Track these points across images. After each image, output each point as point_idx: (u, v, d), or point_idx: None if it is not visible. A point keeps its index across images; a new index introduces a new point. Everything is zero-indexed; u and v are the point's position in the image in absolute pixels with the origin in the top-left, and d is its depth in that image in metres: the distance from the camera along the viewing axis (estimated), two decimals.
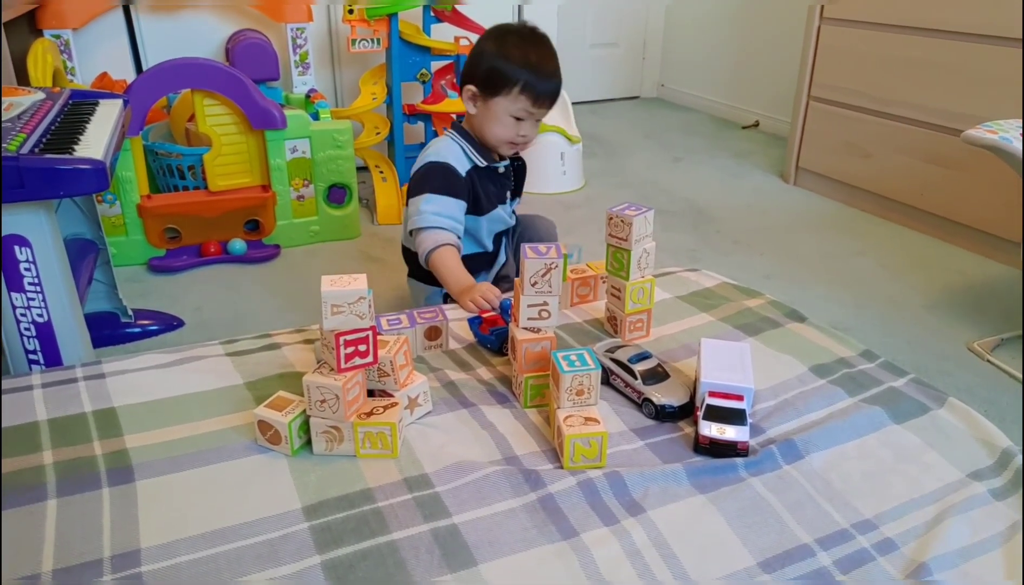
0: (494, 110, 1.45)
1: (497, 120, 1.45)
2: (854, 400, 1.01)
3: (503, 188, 1.58)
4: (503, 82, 1.42)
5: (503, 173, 1.56)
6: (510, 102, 1.43)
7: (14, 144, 1.13)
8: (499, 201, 1.57)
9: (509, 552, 0.76)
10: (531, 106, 1.43)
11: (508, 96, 1.42)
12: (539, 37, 1.48)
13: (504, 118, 1.45)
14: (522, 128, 1.46)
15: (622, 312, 1.15)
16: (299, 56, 2.58)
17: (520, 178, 1.64)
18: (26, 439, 0.90)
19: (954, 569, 0.75)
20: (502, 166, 1.55)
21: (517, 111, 1.43)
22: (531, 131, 1.48)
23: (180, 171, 2.16)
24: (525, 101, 1.42)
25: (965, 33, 2.20)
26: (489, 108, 1.46)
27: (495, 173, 1.54)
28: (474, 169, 1.50)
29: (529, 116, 1.45)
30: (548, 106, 1.46)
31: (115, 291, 1.72)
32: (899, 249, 2.31)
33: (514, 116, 1.44)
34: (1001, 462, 0.90)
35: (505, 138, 1.47)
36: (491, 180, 1.54)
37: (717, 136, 3.55)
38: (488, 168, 1.52)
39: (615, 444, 0.92)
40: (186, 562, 0.74)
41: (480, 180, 1.52)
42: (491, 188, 1.54)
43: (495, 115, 1.45)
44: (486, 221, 1.55)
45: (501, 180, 1.57)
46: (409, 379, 0.96)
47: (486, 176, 1.53)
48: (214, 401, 0.98)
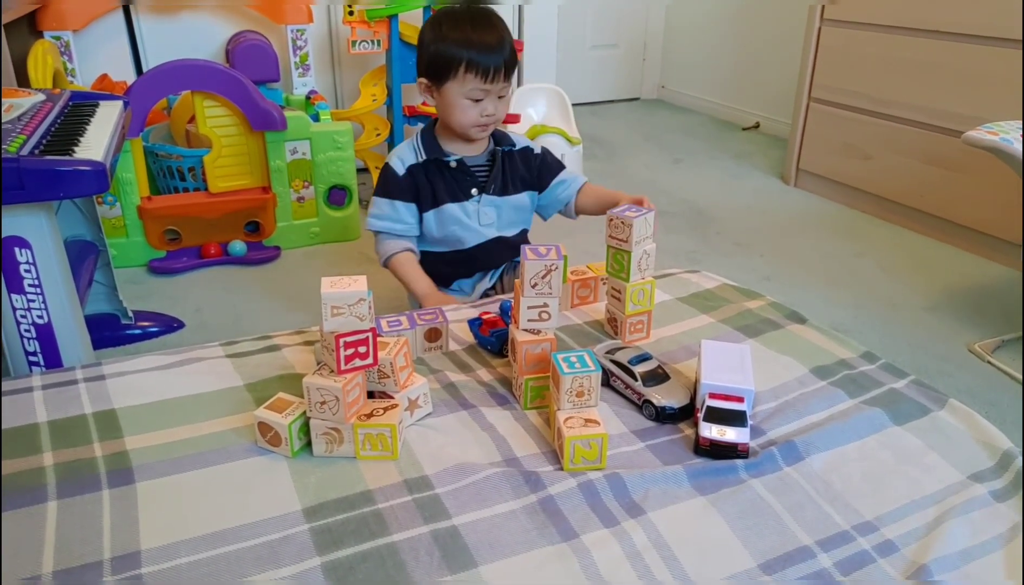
0: (448, 97, 1.40)
1: (454, 106, 1.40)
2: (855, 402, 1.01)
3: (463, 183, 1.49)
4: (447, 66, 1.37)
5: (455, 167, 1.47)
6: (459, 85, 1.38)
7: (14, 145, 1.13)
8: (461, 196, 1.49)
9: (509, 554, 0.76)
10: (482, 83, 1.37)
11: (456, 79, 1.37)
12: (476, 12, 1.41)
13: (460, 102, 1.39)
14: (484, 108, 1.40)
15: (622, 314, 1.15)
16: (299, 57, 2.58)
17: (511, 171, 1.52)
18: (26, 441, 0.90)
19: (955, 571, 0.75)
20: (453, 159, 1.47)
21: (469, 92, 1.38)
22: (496, 108, 1.42)
23: (180, 173, 2.17)
24: (474, 80, 1.37)
25: (965, 35, 2.20)
26: (443, 96, 1.41)
27: (446, 166, 1.47)
28: (418, 165, 1.47)
29: (485, 93, 1.39)
30: (504, 78, 1.40)
31: (115, 293, 1.72)
32: (899, 250, 2.31)
33: (469, 98, 1.39)
34: (1002, 464, 0.90)
35: (469, 122, 1.41)
36: (441, 174, 1.48)
37: (717, 137, 3.55)
38: (436, 161, 1.46)
39: (615, 446, 0.92)
40: (186, 564, 0.74)
41: (428, 174, 1.47)
42: (443, 181, 1.47)
43: (450, 102, 1.40)
44: (434, 216, 1.49)
45: (456, 174, 1.48)
46: (409, 381, 0.96)
47: (436, 170, 1.47)
48: (214, 403, 0.98)
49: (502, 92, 1.41)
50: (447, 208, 1.48)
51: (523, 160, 1.54)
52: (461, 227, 1.50)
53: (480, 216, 1.50)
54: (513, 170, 1.53)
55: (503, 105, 1.43)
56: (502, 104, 1.43)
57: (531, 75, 3.03)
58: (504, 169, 1.52)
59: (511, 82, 1.43)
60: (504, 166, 1.52)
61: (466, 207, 1.49)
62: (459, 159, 1.47)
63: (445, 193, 1.48)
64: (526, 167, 1.54)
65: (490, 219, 1.51)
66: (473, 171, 1.50)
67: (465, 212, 1.49)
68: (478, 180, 1.50)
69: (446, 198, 1.48)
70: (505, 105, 1.44)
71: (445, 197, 1.48)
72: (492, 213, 1.51)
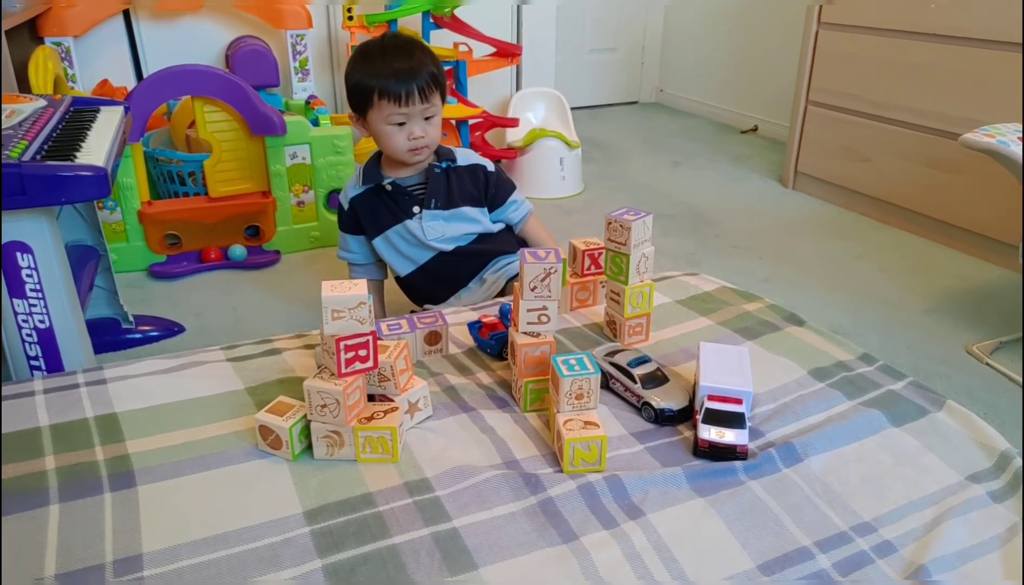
0: (373, 126, 1.45)
1: (381, 134, 1.45)
2: (853, 403, 1.01)
3: (403, 203, 1.53)
4: (364, 98, 1.42)
5: (391, 190, 1.52)
6: (378, 112, 1.42)
7: (16, 151, 1.13)
8: (402, 216, 1.53)
9: (509, 555, 0.76)
10: (398, 108, 1.40)
11: (374, 108, 1.42)
12: (391, 42, 1.45)
13: (384, 129, 1.43)
14: (411, 130, 1.43)
15: (621, 316, 1.15)
16: (299, 62, 2.59)
17: (455, 185, 1.54)
18: (28, 444, 0.90)
19: (953, 571, 0.76)
20: (387, 183, 1.52)
21: (388, 118, 1.41)
22: (424, 130, 1.44)
23: (180, 177, 2.17)
24: (389, 105, 1.40)
25: (963, 37, 2.21)
26: (369, 126, 1.46)
27: (383, 190, 1.53)
28: (358, 196, 1.55)
29: (406, 117, 1.41)
30: (422, 99, 1.41)
31: (116, 297, 1.72)
32: (898, 253, 2.32)
33: (390, 123, 1.42)
34: (999, 464, 0.91)
35: (400, 148, 1.44)
36: (381, 198, 1.53)
37: (716, 140, 3.56)
38: (375, 188, 1.53)
39: (614, 448, 0.92)
40: (188, 566, 0.74)
41: (369, 202, 1.54)
42: (383, 205, 1.53)
43: (376, 131, 1.45)
44: (392, 235, 1.54)
45: (394, 196, 1.53)
46: (409, 384, 0.96)
47: (375, 196, 1.53)
48: (215, 406, 0.99)
49: (427, 113, 1.43)
50: (391, 232, 1.55)
51: (470, 176, 1.57)
52: (409, 246, 1.55)
53: (426, 231, 1.53)
54: (459, 185, 1.55)
55: (432, 126, 1.45)
56: (431, 125, 1.44)
57: (530, 79, 3.04)
58: (448, 183, 1.54)
59: (436, 103, 1.44)
60: (448, 180, 1.54)
61: (408, 226, 1.53)
62: (392, 181, 1.52)
63: (388, 217, 1.54)
64: (474, 183, 1.57)
65: (437, 232, 1.53)
66: (410, 190, 1.54)
67: (408, 231, 1.53)
68: (416, 198, 1.54)
69: (389, 222, 1.54)
70: (435, 126, 1.46)
71: (388, 221, 1.54)
72: (439, 227, 1.53)
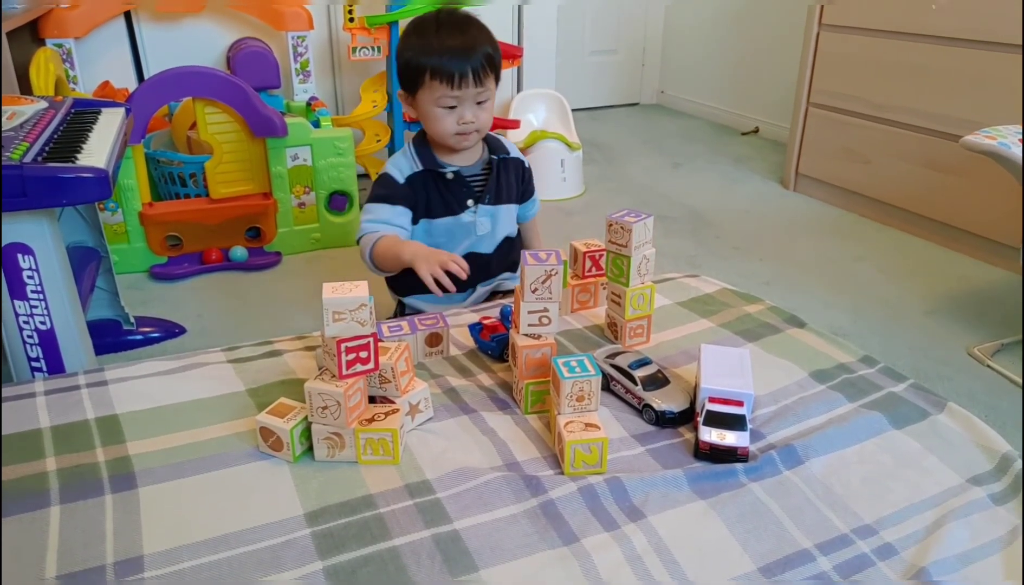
0: (422, 107, 1.36)
1: (429, 116, 1.36)
2: (854, 405, 1.01)
3: (459, 194, 1.43)
4: (415, 76, 1.33)
5: (452, 179, 1.42)
6: (429, 93, 1.33)
7: (17, 153, 1.13)
8: (457, 208, 1.43)
9: (510, 558, 0.76)
10: (450, 90, 1.31)
11: (425, 88, 1.33)
12: (445, 17, 1.35)
13: (433, 111, 1.34)
14: (461, 114, 1.34)
15: (622, 318, 1.15)
16: (300, 64, 2.59)
17: (506, 180, 1.48)
18: (29, 446, 0.90)
19: (954, 574, 0.76)
20: (450, 170, 1.42)
21: (439, 100, 1.33)
22: (474, 115, 1.35)
23: (181, 179, 2.18)
24: (441, 87, 1.31)
25: (963, 39, 2.21)
26: (418, 107, 1.37)
27: (442, 178, 1.42)
28: (416, 174, 1.41)
29: (457, 101, 1.33)
30: (476, 82, 1.32)
31: (117, 298, 1.72)
32: (899, 254, 2.32)
33: (441, 106, 1.33)
34: (1001, 467, 0.91)
35: (448, 131, 1.35)
36: (438, 185, 1.42)
37: (717, 142, 3.56)
38: (432, 172, 1.42)
39: (615, 450, 0.92)
40: (189, 568, 0.74)
41: (425, 184, 1.42)
42: (438, 193, 1.42)
43: (424, 112, 1.36)
44: (438, 225, 1.44)
45: (451, 186, 1.43)
46: (410, 385, 0.96)
47: (432, 181, 1.42)
48: (216, 408, 0.99)
49: (479, 97, 1.35)
50: (439, 222, 1.44)
51: (515, 170, 1.51)
52: (451, 240, 1.45)
53: (477, 227, 1.45)
54: (507, 179, 1.49)
55: (484, 111, 1.37)
56: (483, 110, 1.36)
57: (530, 81, 3.04)
58: (499, 178, 1.47)
59: (490, 87, 1.36)
60: (499, 174, 1.47)
61: (461, 219, 1.44)
62: (456, 170, 1.42)
63: (440, 206, 1.43)
64: (516, 178, 1.51)
65: (485, 229, 1.46)
66: (469, 182, 1.45)
67: (460, 225, 1.45)
68: (474, 190, 1.45)
69: (441, 211, 1.44)
70: (487, 111, 1.37)
71: (440, 210, 1.43)
72: (487, 223, 1.46)
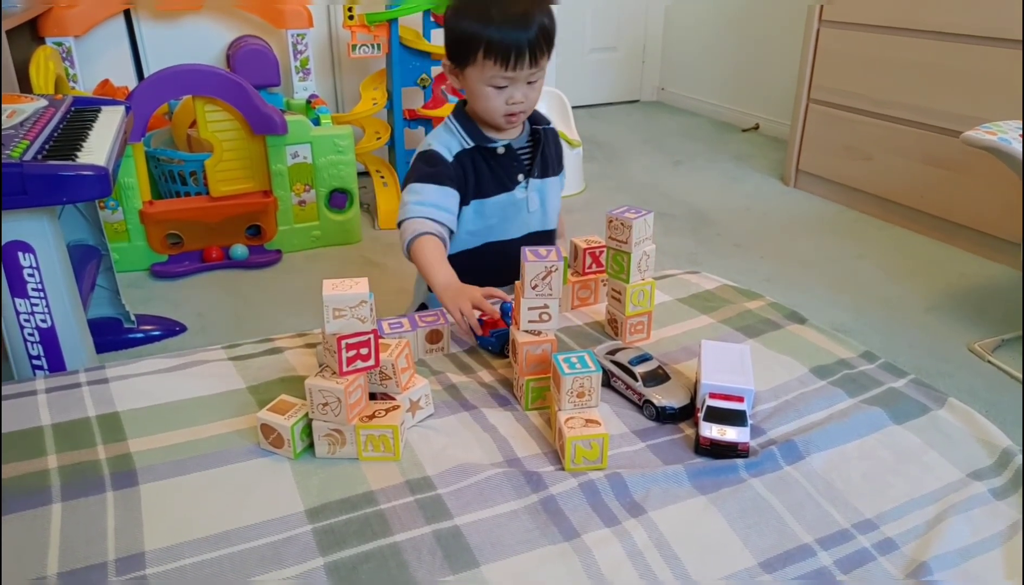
0: (470, 83, 1.25)
1: (477, 93, 1.25)
2: (854, 401, 1.01)
3: (510, 170, 1.34)
4: (465, 49, 1.21)
5: (503, 153, 1.32)
6: (479, 72, 1.22)
7: (17, 151, 1.13)
8: (509, 185, 1.34)
9: (511, 553, 0.76)
10: (503, 71, 1.20)
11: (475, 64, 1.21)
12: None
13: (482, 89, 1.23)
14: (511, 95, 1.24)
15: (623, 314, 1.15)
16: (300, 62, 2.59)
17: (549, 151, 1.38)
18: (30, 443, 0.90)
19: (954, 568, 0.76)
20: (500, 145, 1.31)
21: (491, 80, 1.22)
22: (524, 95, 1.24)
23: (182, 177, 2.18)
24: (494, 67, 1.20)
25: (963, 35, 2.21)
26: (466, 82, 1.26)
27: (492, 154, 1.32)
28: (465, 152, 1.31)
29: (510, 81, 1.22)
30: (531, 64, 1.20)
31: (118, 297, 1.72)
32: (899, 251, 2.32)
33: (492, 85, 1.23)
34: (1001, 462, 0.91)
35: (496, 111, 1.25)
36: (488, 161, 1.32)
37: (717, 139, 3.56)
38: (481, 149, 1.31)
39: (616, 446, 0.92)
40: (190, 565, 0.74)
41: (475, 162, 1.31)
42: (488, 170, 1.32)
43: (473, 89, 1.25)
44: (491, 205, 1.34)
45: (502, 161, 1.33)
46: (411, 382, 0.96)
47: (481, 157, 1.32)
48: (217, 405, 0.99)
49: (531, 78, 1.24)
50: (492, 202, 1.34)
51: (554, 141, 1.41)
52: (503, 219, 1.36)
53: (529, 203, 1.36)
54: (550, 151, 1.39)
55: (534, 91, 1.27)
56: (532, 90, 1.26)
57: None
58: (544, 149, 1.37)
59: (543, 66, 1.25)
60: (544, 146, 1.37)
61: (514, 196, 1.35)
62: (507, 144, 1.32)
63: (492, 183, 1.33)
64: (556, 150, 1.42)
65: (536, 205, 1.38)
66: (520, 154, 1.35)
67: (513, 201, 1.35)
68: (524, 164, 1.35)
69: (493, 189, 1.33)
70: (536, 90, 1.27)
71: (492, 188, 1.33)
72: (536, 199, 1.37)
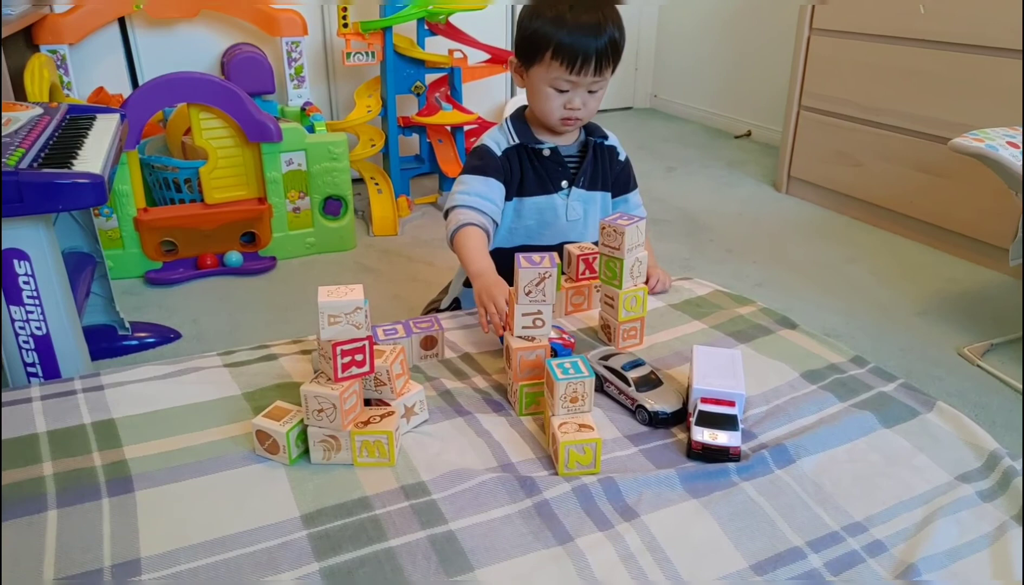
0: (533, 82, 1.26)
1: (538, 93, 1.26)
2: (844, 405, 1.02)
3: (554, 174, 1.35)
4: (535, 48, 1.22)
5: (549, 156, 1.34)
6: (544, 71, 1.23)
7: (13, 159, 1.14)
8: (551, 188, 1.35)
9: (505, 557, 0.77)
10: (568, 74, 1.21)
11: (541, 64, 1.22)
12: None
13: (543, 90, 1.25)
14: (570, 99, 1.25)
15: (615, 320, 1.16)
16: (294, 69, 2.60)
17: (601, 165, 1.39)
18: (26, 451, 0.90)
19: (942, 569, 0.77)
20: (547, 147, 1.33)
21: (554, 81, 1.23)
22: (584, 102, 1.26)
23: (176, 184, 2.18)
24: (559, 69, 1.21)
25: (952, 43, 2.23)
26: (530, 80, 1.27)
27: (538, 154, 1.34)
28: (513, 149, 1.33)
29: (572, 86, 1.23)
30: (595, 72, 1.22)
31: (112, 304, 1.73)
32: (890, 256, 2.33)
33: (553, 87, 1.24)
34: (988, 464, 0.92)
35: (553, 113, 1.27)
36: (532, 162, 1.34)
37: (710, 146, 3.58)
38: (527, 148, 1.33)
39: (609, 450, 0.93)
40: (186, 571, 0.74)
41: (520, 160, 1.34)
42: (532, 170, 1.34)
43: (535, 89, 1.26)
44: (529, 205, 1.36)
45: (547, 163, 1.35)
46: (405, 388, 0.97)
47: (527, 157, 1.34)
48: (212, 411, 0.99)
49: (593, 86, 1.26)
50: (531, 200, 1.36)
51: (610, 157, 1.42)
52: (540, 222, 1.38)
53: (568, 211, 1.37)
54: (602, 164, 1.41)
55: (594, 100, 1.28)
56: (592, 99, 1.28)
57: None
58: (595, 162, 1.39)
59: (607, 77, 1.26)
60: (596, 158, 1.39)
61: (554, 200, 1.36)
62: (553, 147, 1.34)
63: (534, 183, 1.35)
64: (610, 165, 1.42)
65: (577, 214, 1.38)
66: (565, 161, 1.37)
67: (552, 205, 1.37)
68: (569, 171, 1.37)
69: (534, 189, 1.36)
70: (596, 100, 1.29)
71: (533, 188, 1.36)
72: (579, 208, 1.38)
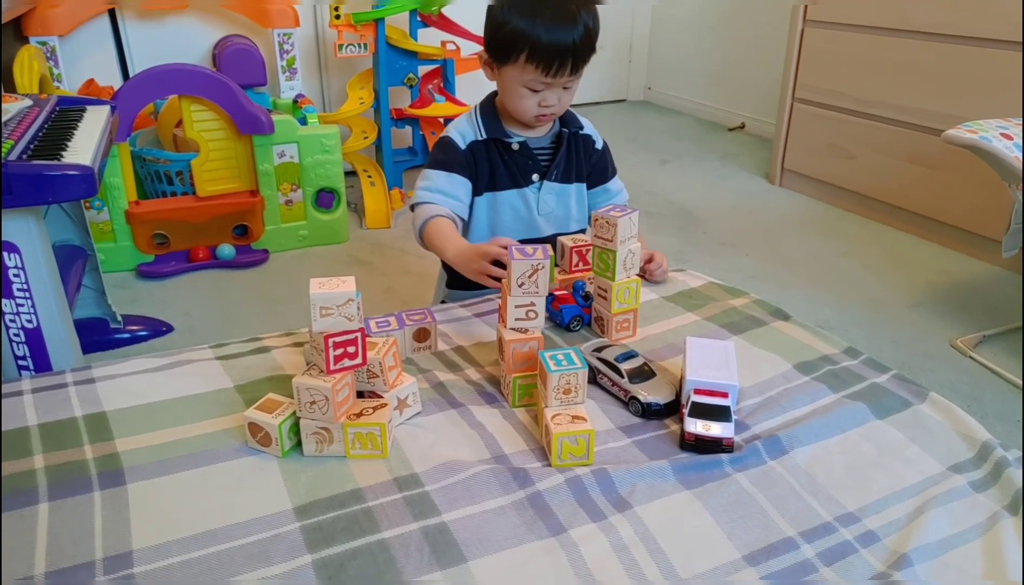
0: (506, 81, 1.24)
1: (510, 92, 1.24)
2: (837, 396, 1.02)
3: (524, 167, 1.33)
4: (507, 47, 1.20)
5: (517, 150, 1.31)
6: (519, 73, 1.20)
7: (2, 151, 1.13)
8: (521, 182, 1.33)
9: (498, 549, 0.77)
10: (543, 76, 1.19)
11: (515, 64, 1.20)
12: None
13: (517, 89, 1.22)
14: (544, 97, 1.23)
15: (608, 312, 1.16)
16: (286, 61, 2.59)
17: (576, 156, 1.37)
18: (17, 444, 0.90)
19: (934, 560, 0.77)
20: (516, 141, 1.31)
21: (528, 82, 1.21)
22: (556, 100, 1.24)
23: (168, 177, 2.17)
24: (534, 72, 1.19)
25: (946, 35, 2.24)
26: (502, 78, 1.25)
27: (507, 148, 1.31)
28: (481, 143, 1.31)
29: (547, 87, 1.22)
30: (572, 72, 1.20)
31: (104, 297, 1.72)
32: (883, 249, 2.34)
33: (528, 87, 1.22)
34: (981, 455, 0.92)
35: (527, 112, 1.25)
36: (502, 155, 1.31)
37: (703, 138, 3.58)
38: (496, 142, 1.30)
39: (602, 442, 0.93)
40: (178, 563, 0.74)
41: (488, 154, 1.31)
42: (502, 164, 1.32)
43: (507, 87, 1.25)
44: (502, 199, 1.33)
45: (516, 157, 1.32)
46: (398, 380, 0.96)
47: (495, 151, 1.31)
48: (204, 404, 0.99)
49: (568, 83, 1.24)
50: (503, 195, 1.33)
51: (584, 146, 1.40)
52: (514, 217, 1.35)
53: (539, 205, 1.35)
54: (576, 155, 1.38)
55: (568, 94, 1.27)
56: (567, 94, 1.26)
57: None
58: (569, 154, 1.36)
59: (581, 73, 1.25)
60: (570, 150, 1.36)
61: (525, 194, 1.34)
62: (522, 141, 1.32)
63: (504, 177, 1.33)
64: (586, 156, 1.40)
65: (548, 208, 1.36)
66: (536, 154, 1.34)
67: (523, 199, 1.34)
68: (540, 165, 1.34)
69: (506, 183, 1.33)
70: (570, 94, 1.27)
71: (504, 182, 1.33)
72: (551, 202, 1.36)
